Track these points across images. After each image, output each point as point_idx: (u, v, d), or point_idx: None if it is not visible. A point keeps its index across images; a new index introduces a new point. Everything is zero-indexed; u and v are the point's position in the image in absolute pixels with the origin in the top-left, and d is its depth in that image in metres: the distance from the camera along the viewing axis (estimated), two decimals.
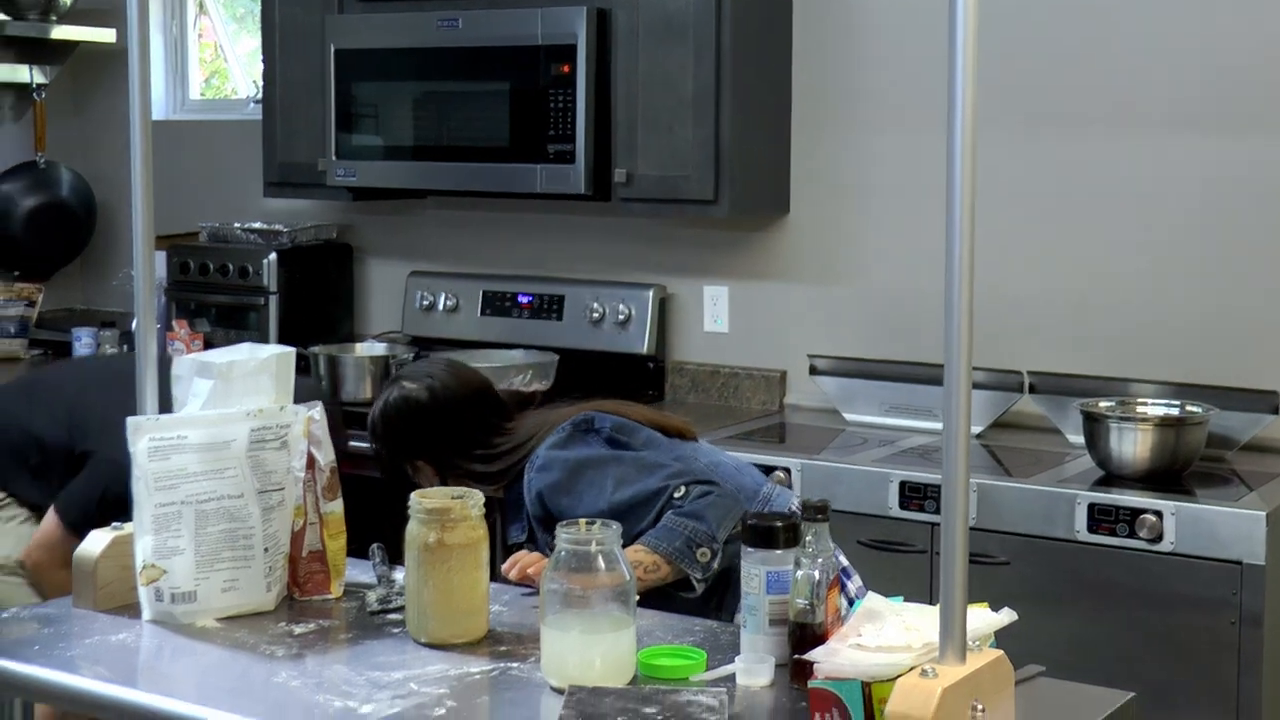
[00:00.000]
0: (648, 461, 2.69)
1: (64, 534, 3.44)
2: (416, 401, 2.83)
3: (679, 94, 4.00)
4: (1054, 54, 3.88)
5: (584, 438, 2.76)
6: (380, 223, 4.98)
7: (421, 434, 2.83)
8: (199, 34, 5.55)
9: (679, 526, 2.53)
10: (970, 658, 1.83)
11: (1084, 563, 3.26)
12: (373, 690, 2.06)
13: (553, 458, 2.70)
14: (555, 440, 2.74)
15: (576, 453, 2.71)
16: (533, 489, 2.70)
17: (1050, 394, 3.80)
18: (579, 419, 2.79)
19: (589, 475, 2.66)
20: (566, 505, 2.60)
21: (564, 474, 2.67)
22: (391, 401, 2.85)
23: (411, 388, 2.85)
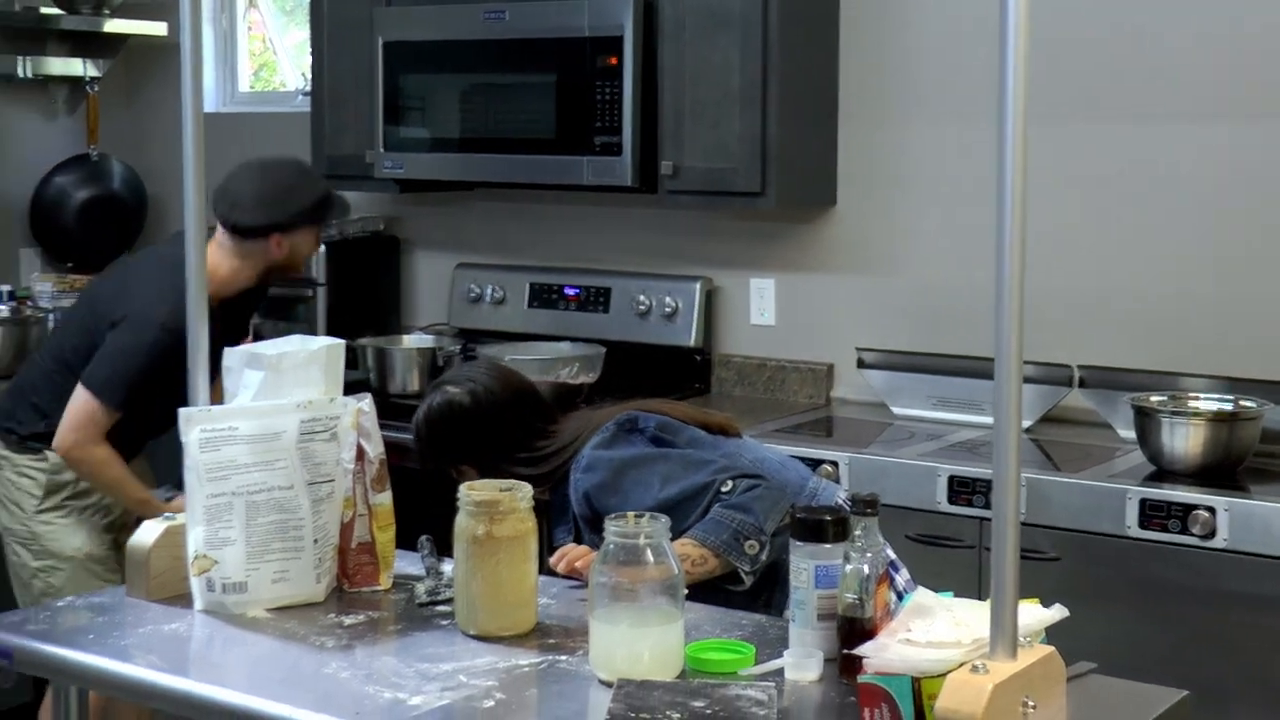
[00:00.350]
0: (693, 458, 2.69)
1: (99, 411, 3.48)
2: (460, 405, 2.84)
3: (726, 85, 3.99)
4: (1105, 45, 3.85)
5: (628, 437, 2.76)
6: (427, 215, 4.99)
7: (465, 438, 2.83)
8: (248, 27, 5.58)
9: (726, 519, 2.53)
10: (1021, 654, 1.82)
11: (1135, 559, 3.24)
12: (422, 682, 2.07)
13: (598, 458, 2.71)
14: (600, 440, 2.74)
15: (621, 452, 2.71)
16: (579, 490, 2.70)
17: (1100, 388, 3.78)
18: (622, 419, 2.79)
19: (635, 474, 2.66)
20: (614, 505, 2.60)
21: (610, 474, 2.67)
22: (435, 406, 2.86)
23: (454, 392, 2.85)
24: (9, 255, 5.34)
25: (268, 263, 3.62)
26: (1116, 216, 3.87)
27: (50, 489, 3.63)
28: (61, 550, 3.63)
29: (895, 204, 4.18)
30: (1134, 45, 3.82)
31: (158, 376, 3.42)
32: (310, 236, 3.68)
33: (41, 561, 3.65)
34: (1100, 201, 3.89)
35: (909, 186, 4.15)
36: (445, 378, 2.97)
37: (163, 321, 3.41)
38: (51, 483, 3.63)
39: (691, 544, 2.51)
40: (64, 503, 3.64)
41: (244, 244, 3.58)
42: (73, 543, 3.63)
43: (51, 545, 3.63)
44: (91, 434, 3.50)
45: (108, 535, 3.69)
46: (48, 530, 3.64)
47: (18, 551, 3.71)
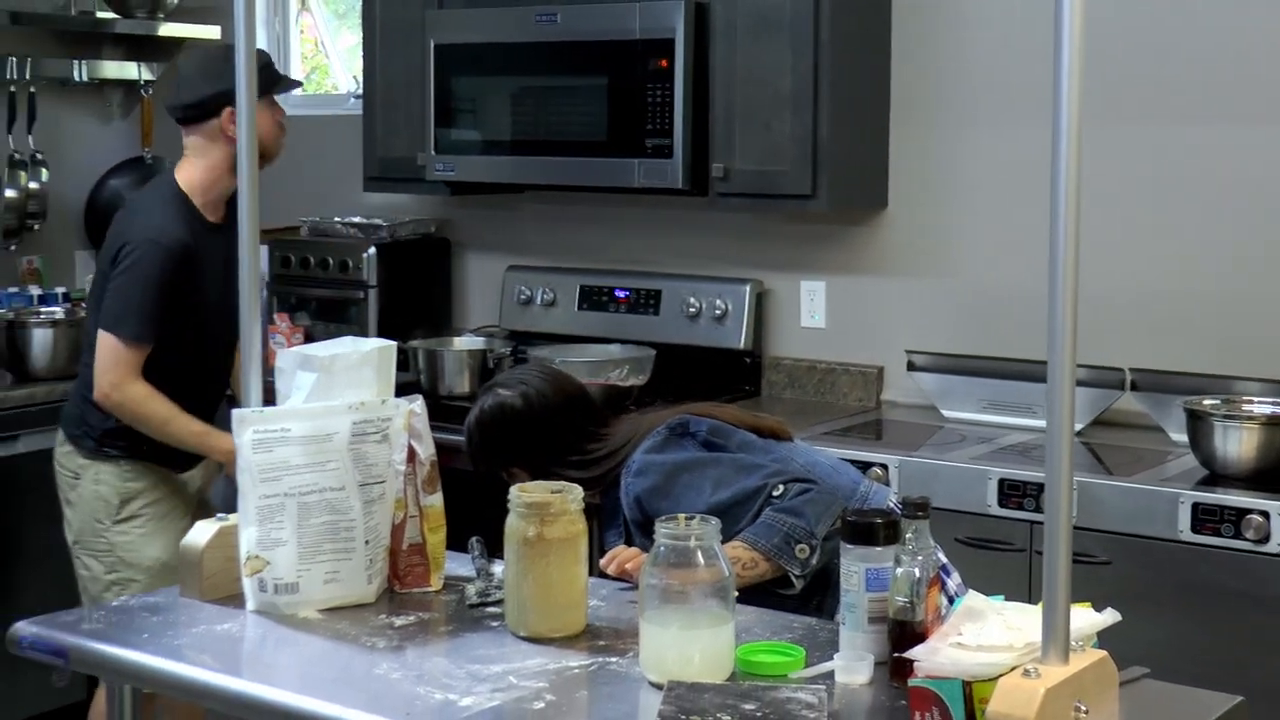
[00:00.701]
0: (744, 462, 2.69)
1: (124, 350, 3.47)
2: (511, 408, 2.84)
3: (777, 88, 3.98)
4: (1157, 47, 3.83)
5: (679, 441, 2.76)
6: (478, 217, 5.01)
7: (516, 441, 2.84)
8: (301, 30, 5.61)
9: (777, 523, 2.53)
10: (1073, 658, 1.81)
11: (1187, 563, 3.22)
12: (472, 683, 2.07)
13: (649, 462, 2.71)
14: (651, 444, 2.75)
15: (673, 456, 2.71)
16: (630, 494, 2.70)
17: (1152, 391, 3.75)
18: (674, 423, 2.79)
19: (686, 478, 2.66)
20: (665, 508, 2.59)
21: (661, 478, 2.67)
22: (486, 409, 2.87)
23: (506, 394, 2.86)
24: (65, 258, 5.39)
25: (232, 149, 3.50)
26: (1169, 218, 3.84)
27: (125, 496, 3.61)
28: (139, 560, 3.58)
29: (946, 206, 4.16)
30: (1186, 46, 3.79)
31: (168, 296, 3.45)
32: (262, 111, 3.52)
33: (116, 574, 3.60)
34: (1152, 203, 3.86)
35: (960, 188, 4.14)
36: (497, 380, 2.98)
37: (153, 238, 3.45)
38: (126, 490, 3.61)
39: (742, 547, 2.51)
40: (140, 510, 3.61)
41: (202, 132, 3.58)
42: (150, 552, 3.61)
43: (128, 556, 3.59)
44: (123, 373, 3.47)
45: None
46: (125, 541, 3.60)
47: (89, 565, 3.66)
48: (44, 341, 4.57)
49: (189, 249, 3.51)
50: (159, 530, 3.61)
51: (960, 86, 4.12)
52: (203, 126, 3.59)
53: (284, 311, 4.85)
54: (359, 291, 4.80)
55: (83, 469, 3.64)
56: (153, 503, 3.61)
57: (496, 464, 2.85)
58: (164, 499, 3.63)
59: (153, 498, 3.62)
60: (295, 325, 4.79)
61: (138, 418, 3.53)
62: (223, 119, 3.56)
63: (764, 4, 3.98)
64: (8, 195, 5.02)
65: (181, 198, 3.57)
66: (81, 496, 3.65)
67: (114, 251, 3.52)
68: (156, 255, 3.45)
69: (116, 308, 3.48)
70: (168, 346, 3.51)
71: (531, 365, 3.20)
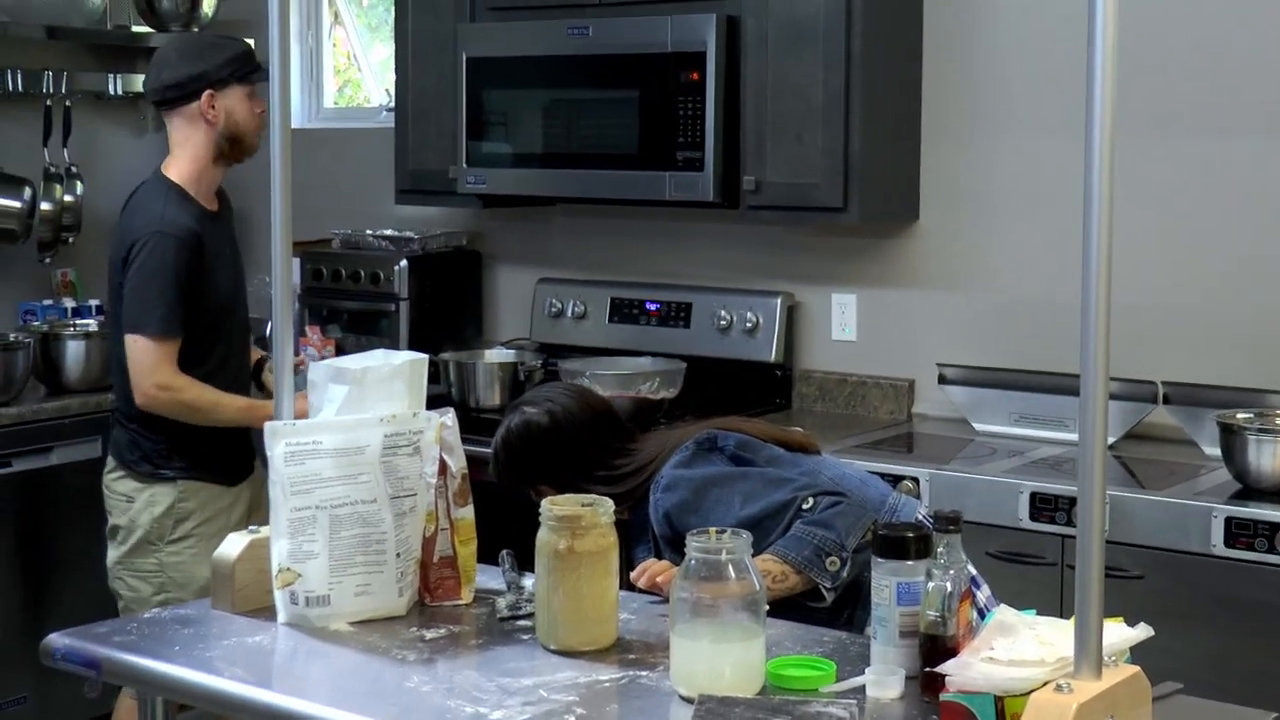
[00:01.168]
0: (773, 476, 2.68)
1: (155, 347, 3.47)
2: (538, 426, 2.85)
3: (808, 101, 3.98)
4: (1191, 58, 3.81)
5: (708, 456, 2.76)
6: (510, 229, 5.02)
7: (544, 458, 2.84)
8: (334, 44, 5.64)
9: (808, 535, 2.52)
10: (1106, 673, 1.81)
11: (1221, 578, 3.20)
12: (503, 696, 2.08)
13: (678, 477, 2.71)
14: (679, 460, 2.75)
15: (702, 471, 2.71)
16: (659, 509, 2.70)
17: (1185, 405, 3.73)
18: (701, 438, 2.79)
19: (715, 493, 2.66)
20: (694, 523, 2.59)
21: (690, 493, 2.67)
22: (513, 427, 2.87)
23: (532, 412, 2.87)
24: (99, 270, 5.39)
25: (212, 136, 3.60)
26: (1202, 231, 3.83)
27: (180, 516, 3.59)
28: (190, 581, 3.56)
29: (978, 219, 4.15)
30: (1220, 58, 3.78)
31: (184, 285, 3.46)
32: (242, 100, 3.64)
33: (165, 594, 3.56)
34: (1185, 216, 3.84)
35: (992, 201, 4.13)
36: (523, 399, 2.98)
37: (159, 229, 3.47)
38: (181, 510, 3.58)
39: (773, 560, 2.50)
40: (193, 531, 3.59)
41: (183, 115, 3.59)
42: (202, 572, 3.59)
43: (179, 576, 3.57)
44: (161, 371, 3.48)
45: None
46: (177, 561, 3.57)
47: (135, 587, 3.63)
48: (78, 354, 4.59)
49: (197, 235, 3.52)
50: (209, 550, 3.60)
51: (992, 99, 4.11)
52: (182, 110, 3.59)
53: (315, 324, 4.87)
54: (390, 304, 4.81)
55: (137, 492, 3.62)
56: (204, 522, 3.60)
57: (524, 483, 2.85)
58: (214, 519, 3.62)
59: (204, 517, 3.60)
60: (326, 337, 4.80)
61: (185, 408, 3.52)
62: (201, 102, 3.58)
63: (796, 16, 3.98)
64: (43, 208, 5.05)
65: (177, 189, 3.58)
66: (135, 520, 3.62)
67: (124, 254, 3.52)
68: (167, 245, 3.47)
69: (137, 307, 3.48)
70: (188, 340, 3.51)
71: (557, 384, 3.21)
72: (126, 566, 3.66)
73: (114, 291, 3.60)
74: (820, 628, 2.39)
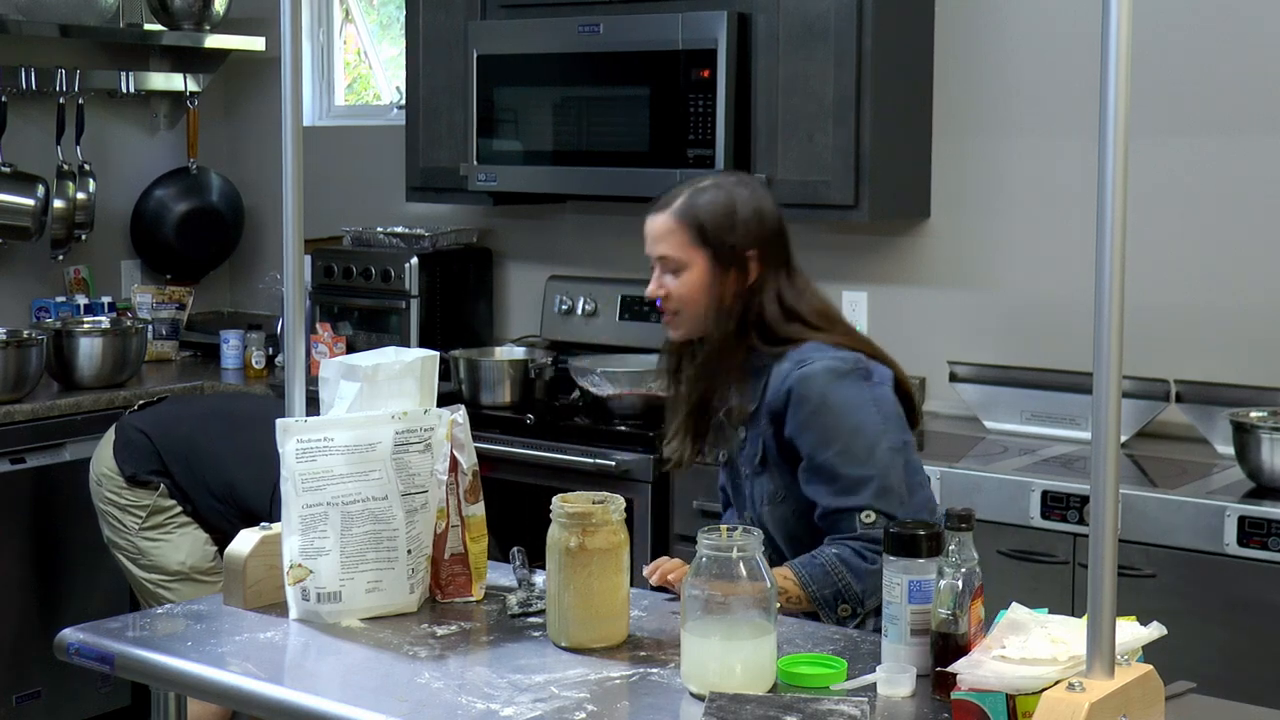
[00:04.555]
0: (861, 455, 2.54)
1: None
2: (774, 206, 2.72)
3: (819, 99, 3.98)
4: (1204, 58, 3.80)
5: (859, 384, 2.60)
6: (520, 227, 5.02)
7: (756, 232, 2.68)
8: (344, 41, 5.64)
9: (836, 574, 2.50)
10: (1118, 672, 1.80)
11: (1234, 577, 3.19)
12: (514, 693, 2.08)
13: (829, 379, 2.57)
14: (838, 363, 2.59)
15: (842, 394, 2.57)
16: (786, 384, 2.58)
17: (1198, 403, 3.72)
18: (861, 362, 2.64)
19: (832, 422, 2.55)
20: (797, 427, 2.54)
21: (820, 403, 2.55)
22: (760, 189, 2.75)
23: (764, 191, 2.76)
24: (112, 267, 5.43)
25: None
26: (1214, 229, 3.82)
27: (154, 510, 3.71)
28: (167, 565, 3.70)
29: (989, 216, 4.15)
30: (1235, 57, 3.77)
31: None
32: None
33: (150, 574, 3.72)
34: (1197, 214, 3.84)
35: (1003, 199, 4.12)
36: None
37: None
38: (157, 504, 3.71)
39: (794, 581, 2.50)
40: (165, 521, 3.71)
41: None
42: (176, 557, 3.71)
43: (158, 560, 3.70)
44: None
45: (210, 548, 3.74)
46: (152, 546, 3.71)
47: (127, 566, 3.81)
48: (90, 351, 4.60)
49: None
50: (184, 536, 3.70)
51: (1003, 97, 4.11)
52: None
53: (326, 321, 4.87)
54: (401, 301, 4.81)
55: (106, 478, 3.79)
56: (175, 515, 3.70)
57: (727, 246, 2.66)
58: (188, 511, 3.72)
59: (176, 512, 3.71)
60: (337, 335, 4.80)
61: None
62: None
63: (807, 14, 3.98)
64: (56, 206, 5.06)
65: None
66: (110, 506, 3.78)
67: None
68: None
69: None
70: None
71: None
72: (116, 548, 3.83)
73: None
74: (831, 625, 2.40)
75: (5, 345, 4.39)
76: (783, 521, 2.64)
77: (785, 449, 2.61)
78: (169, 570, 3.70)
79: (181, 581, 3.69)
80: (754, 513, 2.69)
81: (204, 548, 3.74)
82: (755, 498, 2.68)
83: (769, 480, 2.65)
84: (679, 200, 2.73)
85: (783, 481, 2.63)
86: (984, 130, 4.14)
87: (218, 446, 3.74)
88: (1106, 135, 1.78)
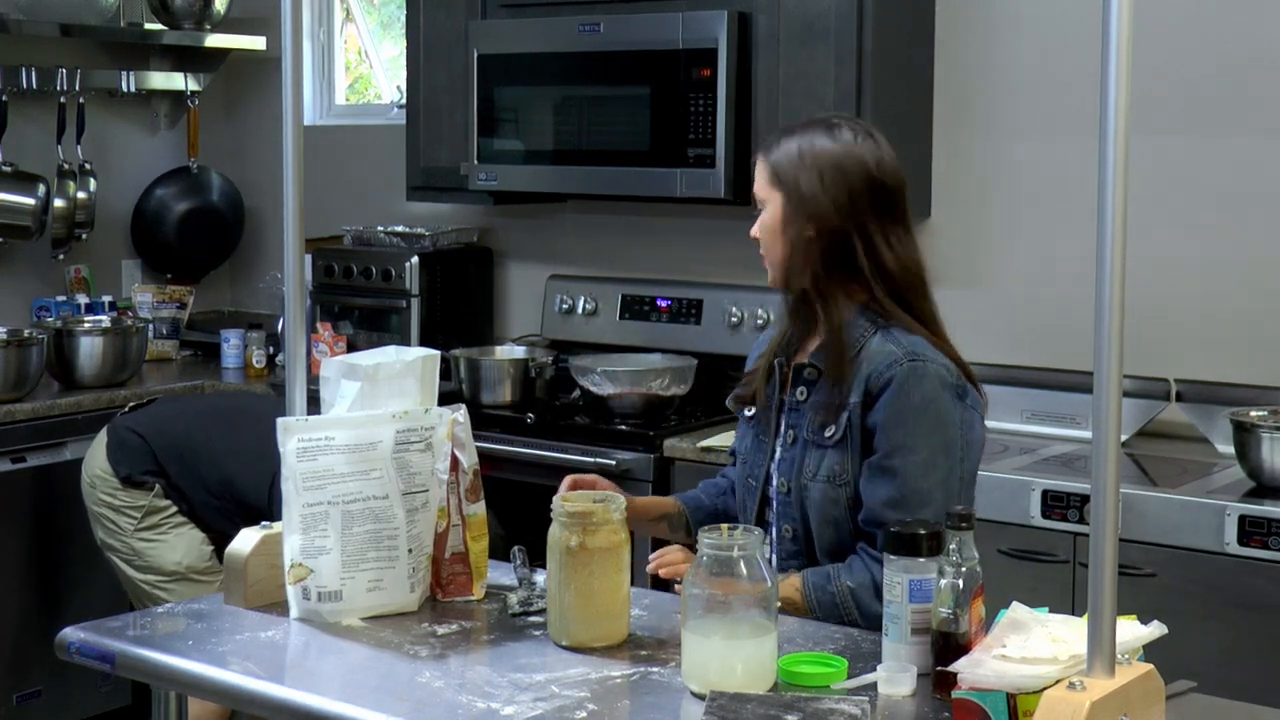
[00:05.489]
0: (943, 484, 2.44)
1: None
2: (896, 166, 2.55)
3: (820, 98, 3.98)
4: (1204, 56, 3.80)
5: (953, 400, 2.46)
6: (520, 226, 5.02)
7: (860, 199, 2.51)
8: (345, 40, 5.64)
9: (844, 609, 2.43)
10: (1119, 671, 1.80)
11: (1234, 576, 3.19)
12: (515, 692, 2.08)
13: (931, 383, 2.44)
14: (943, 373, 2.46)
15: (942, 406, 2.44)
16: (884, 377, 2.44)
17: (1198, 402, 3.73)
18: (961, 383, 2.49)
19: (916, 431, 2.42)
20: (877, 424, 2.42)
21: (915, 407, 2.42)
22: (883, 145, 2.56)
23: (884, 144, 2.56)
24: (112, 266, 5.44)
25: None
26: (1214, 229, 3.82)
27: (149, 510, 3.71)
28: (163, 565, 3.70)
29: (990, 216, 4.15)
30: (1237, 56, 3.77)
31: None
32: None
33: (146, 575, 3.72)
34: (1198, 213, 3.84)
35: (1004, 198, 4.12)
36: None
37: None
38: (152, 504, 3.71)
39: (800, 595, 2.44)
40: (161, 521, 3.72)
41: None
42: (172, 557, 3.71)
43: (153, 561, 3.71)
44: None
45: (206, 548, 3.75)
46: (148, 547, 3.71)
47: (121, 568, 3.81)
48: (91, 350, 4.60)
49: None
50: (179, 537, 3.71)
51: (1004, 96, 4.11)
52: None
53: (327, 321, 4.87)
54: (401, 301, 4.81)
55: (99, 480, 3.81)
56: (170, 516, 3.71)
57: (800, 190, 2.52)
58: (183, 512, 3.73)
59: (171, 513, 3.72)
60: (338, 334, 4.81)
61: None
62: None
63: (807, 14, 3.98)
64: (56, 205, 5.06)
65: None
66: (103, 507, 3.81)
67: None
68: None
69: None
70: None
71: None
72: (110, 549, 3.84)
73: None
74: (832, 625, 2.39)
75: (6, 344, 4.40)
76: (830, 503, 2.47)
77: (865, 434, 2.46)
78: (165, 571, 3.71)
79: (178, 582, 3.70)
80: (795, 481, 2.51)
81: (200, 547, 3.75)
82: (808, 467, 2.49)
83: (838, 458, 2.47)
84: (779, 139, 2.58)
85: (851, 465, 2.46)
86: (984, 130, 4.14)
87: (214, 443, 3.75)
88: (1107, 134, 1.78)
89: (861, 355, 2.48)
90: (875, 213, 2.51)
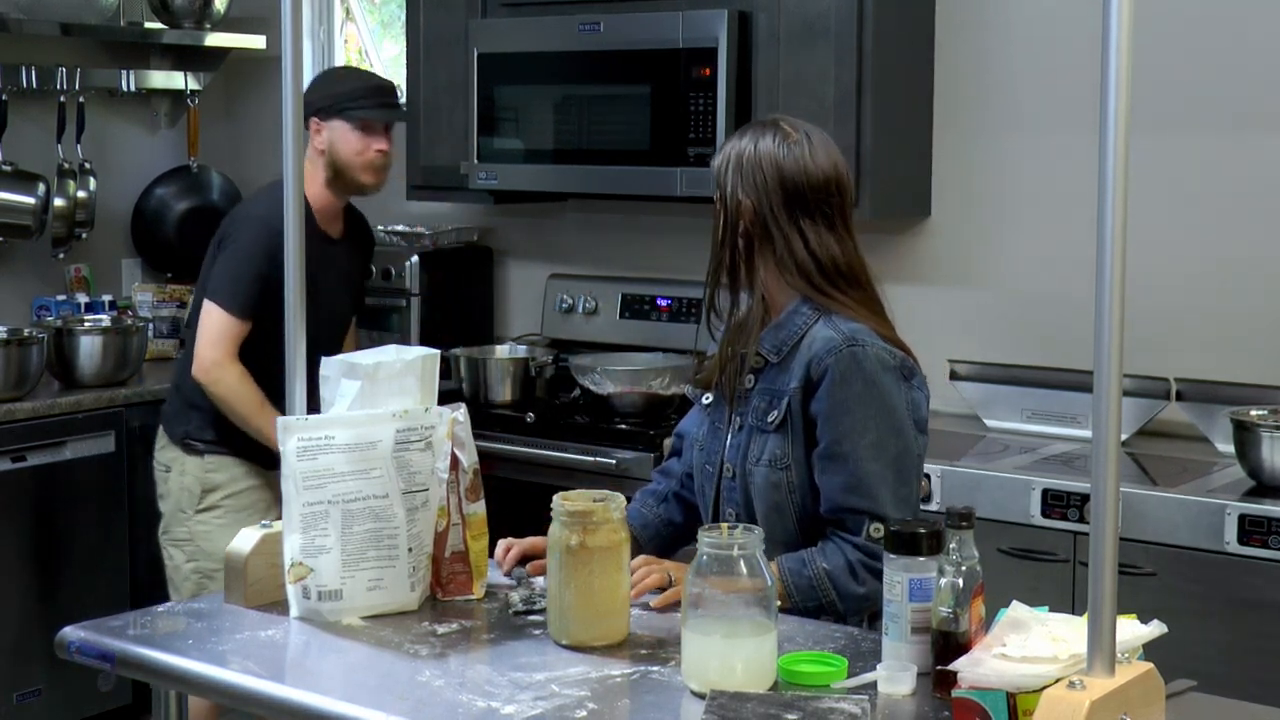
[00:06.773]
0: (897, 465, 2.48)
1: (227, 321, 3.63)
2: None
3: (820, 97, 3.98)
4: (1204, 55, 3.80)
5: (899, 382, 2.51)
6: (521, 225, 5.02)
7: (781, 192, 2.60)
8: (345, 40, 5.64)
9: (822, 591, 2.45)
10: (1119, 670, 1.80)
11: (1234, 575, 3.19)
12: (515, 691, 2.08)
13: (873, 366, 2.47)
14: (883, 357, 2.50)
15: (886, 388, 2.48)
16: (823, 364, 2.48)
17: (1198, 401, 3.73)
18: (907, 365, 2.55)
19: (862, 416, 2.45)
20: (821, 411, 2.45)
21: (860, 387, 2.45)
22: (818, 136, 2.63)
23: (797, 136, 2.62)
24: (113, 266, 5.43)
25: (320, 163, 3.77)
26: (1216, 228, 3.82)
27: (207, 487, 3.73)
28: (216, 551, 3.66)
29: (990, 214, 4.15)
30: (1237, 54, 3.77)
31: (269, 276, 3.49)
32: (346, 133, 3.78)
33: (195, 563, 3.74)
34: (1199, 212, 3.84)
35: (1004, 197, 4.12)
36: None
37: (261, 216, 3.58)
38: (207, 481, 3.74)
39: (779, 583, 2.41)
40: (220, 502, 3.74)
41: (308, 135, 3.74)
42: (225, 544, 3.68)
43: (206, 546, 3.72)
44: (226, 349, 3.63)
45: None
46: (204, 531, 3.74)
47: (172, 555, 3.82)
48: (91, 349, 4.60)
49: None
50: (236, 523, 3.68)
51: (1004, 95, 4.11)
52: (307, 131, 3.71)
53: None
54: (401, 299, 4.82)
55: (173, 462, 3.81)
56: (232, 495, 3.77)
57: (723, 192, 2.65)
58: (245, 493, 3.79)
59: (232, 490, 3.77)
60: None
61: (229, 399, 3.65)
62: (310, 130, 3.74)
63: (807, 13, 3.98)
64: (56, 204, 5.06)
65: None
66: (170, 489, 3.81)
67: (223, 232, 3.71)
68: (261, 231, 3.58)
69: (224, 280, 3.64)
70: (265, 337, 3.55)
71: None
72: (168, 536, 3.83)
73: (207, 266, 3.76)
74: (831, 623, 2.39)
75: (6, 344, 4.40)
76: (772, 487, 2.51)
77: (807, 421, 2.50)
78: (217, 556, 3.67)
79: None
80: (740, 466, 2.55)
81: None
82: (751, 453, 2.54)
83: (779, 442, 2.51)
84: (724, 144, 2.74)
85: (792, 449, 2.50)
86: (985, 128, 4.14)
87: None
88: (1107, 133, 1.78)
89: (803, 341, 2.54)
90: (790, 212, 2.60)
